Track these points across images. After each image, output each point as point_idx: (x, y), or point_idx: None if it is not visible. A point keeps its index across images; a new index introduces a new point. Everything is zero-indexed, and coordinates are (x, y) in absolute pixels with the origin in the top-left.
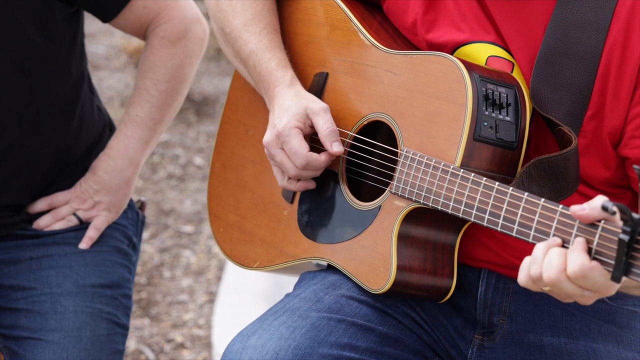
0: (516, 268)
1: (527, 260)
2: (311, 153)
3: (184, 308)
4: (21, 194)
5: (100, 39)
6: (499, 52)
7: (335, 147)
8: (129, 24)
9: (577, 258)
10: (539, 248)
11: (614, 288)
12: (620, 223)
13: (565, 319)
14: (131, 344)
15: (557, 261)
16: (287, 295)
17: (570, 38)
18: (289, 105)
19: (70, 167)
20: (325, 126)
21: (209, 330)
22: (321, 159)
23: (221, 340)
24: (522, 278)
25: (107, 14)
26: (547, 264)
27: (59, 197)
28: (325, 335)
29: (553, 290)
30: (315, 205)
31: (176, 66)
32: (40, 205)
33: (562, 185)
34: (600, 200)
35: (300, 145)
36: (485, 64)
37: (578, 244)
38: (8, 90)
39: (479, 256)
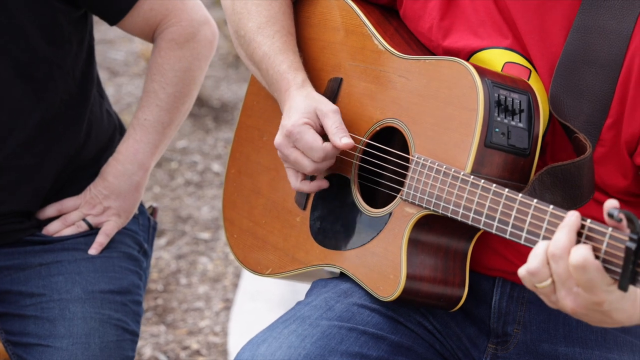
0: None
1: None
2: (327, 143)
3: (200, 315)
4: (30, 200)
5: (120, 46)
6: (516, 58)
7: (344, 140)
8: (137, 26)
9: (583, 251)
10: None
11: (608, 301)
12: (628, 230)
13: (580, 329)
14: (147, 350)
15: (565, 240)
16: (298, 303)
17: (592, 45)
18: (298, 105)
19: (79, 172)
20: (334, 125)
21: (225, 337)
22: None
23: (237, 347)
24: (522, 271)
25: (114, 17)
26: (555, 239)
27: (68, 202)
28: (335, 344)
29: (546, 285)
30: (327, 212)
31: (184, 69)
32: (49, 211)
33: (576, 194)
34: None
35: (314, 139)
36: (502, 71)
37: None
38: (10, 96)
39: (494, 265)
